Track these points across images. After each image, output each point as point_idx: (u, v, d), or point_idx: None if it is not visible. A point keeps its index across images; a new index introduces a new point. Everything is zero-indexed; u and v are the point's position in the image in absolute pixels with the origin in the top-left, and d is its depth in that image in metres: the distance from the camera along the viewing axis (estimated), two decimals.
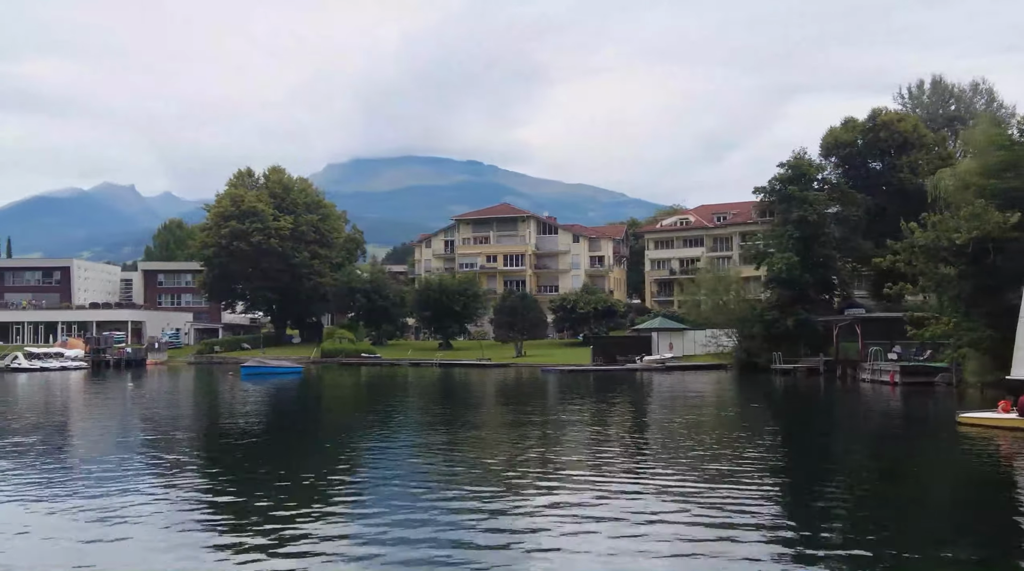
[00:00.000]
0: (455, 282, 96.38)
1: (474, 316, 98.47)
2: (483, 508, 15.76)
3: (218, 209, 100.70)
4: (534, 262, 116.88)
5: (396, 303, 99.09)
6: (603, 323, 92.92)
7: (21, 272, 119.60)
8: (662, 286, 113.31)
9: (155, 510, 15.95)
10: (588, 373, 65.95)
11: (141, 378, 68.09)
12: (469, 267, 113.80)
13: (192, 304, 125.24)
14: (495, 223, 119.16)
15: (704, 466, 20.56)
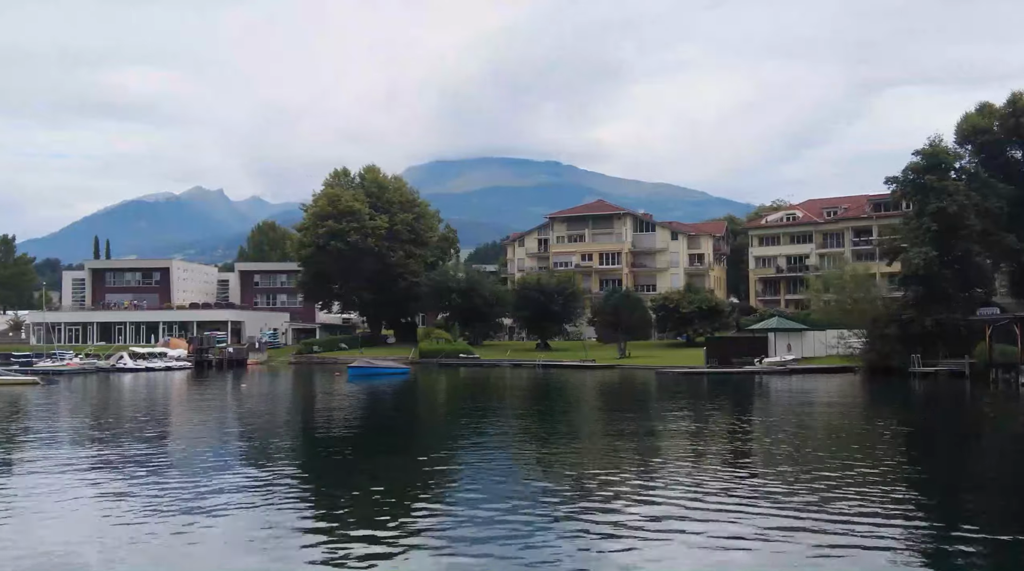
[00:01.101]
0: (553, 281, 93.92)
1: (573, 316, 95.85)
2: (597, 523, 14.88)
3: (315, 209, 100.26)
4: (631, 260, 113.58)
5: (492, 303, 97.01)
6: (707, 323, 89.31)
7: (122, 273, 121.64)
8: (767, 284, 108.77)
9: (247, 510, 16.17)
10: (703, 376, 62.71)
11: (244, 378, 67.62)
12: (564, 266, 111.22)
13: (287, 304, 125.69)
14: (590, 221, 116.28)
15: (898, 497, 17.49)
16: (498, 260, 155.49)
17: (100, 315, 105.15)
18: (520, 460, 23.14)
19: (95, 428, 32.16)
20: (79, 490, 18.46)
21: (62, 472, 21.00)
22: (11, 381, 54.49)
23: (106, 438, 28.64)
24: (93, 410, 41.09)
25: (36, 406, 42.40)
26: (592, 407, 40.45)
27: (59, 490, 18.34)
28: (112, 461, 23.23)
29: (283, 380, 65.61)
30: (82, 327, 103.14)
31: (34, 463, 22.82)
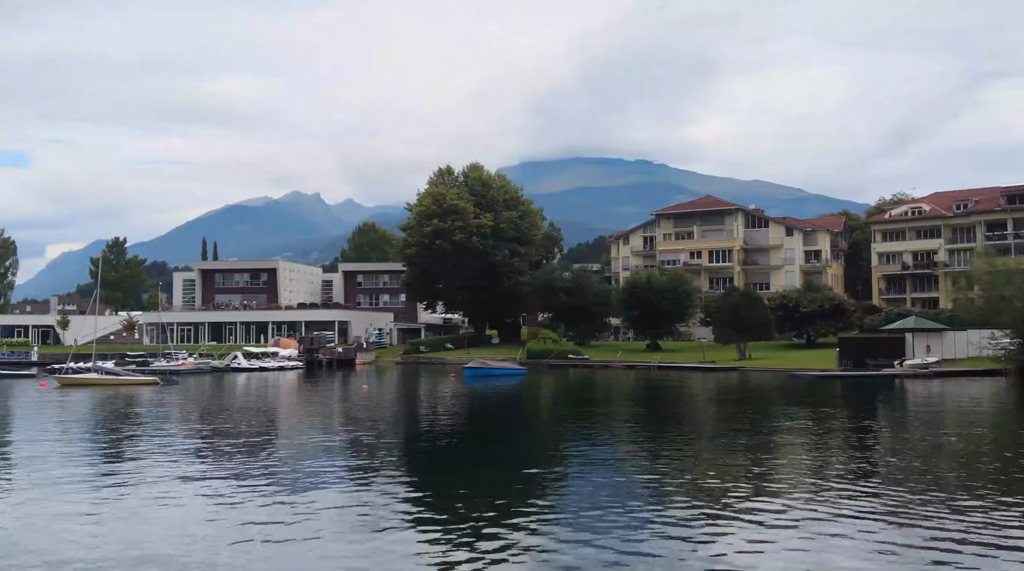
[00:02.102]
0: (664, 279, 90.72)
1: (685, 315, 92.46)
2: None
3: (420, 208, 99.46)
4: (742, 258, 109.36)
5: (600, 302, 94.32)
6: (829, 324, 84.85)
7: (231, 274, 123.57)
8: (891, 282, 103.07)
9: (350, 511, 16.08)
10: (837, 379, 58.76)
11: (365, 379, 66.90)
12: (671, 264, 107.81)
13: (389, 304, 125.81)
14: (699, 217, 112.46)
15: None
16: (599, 258, 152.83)
17: (211, 315, 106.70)
18: (646, 468, 20.89)
19: (230, 427, 31.16)
20: (205, 488, 18.62)
21: (190, 470, 21.16)
22: (133, 381, 54.62)
23: (242, 438, 27.48)
24: (223, 409, 40.31)
25: (163, 405, 41.89)
26: (727, 413, 37.50)
27: (188, 489, 18.55)
28: (252, 462, 22.60)
29: (398, 381, 64.38)
30: (194, 327, 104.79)
31: (165, 462, 22.64)
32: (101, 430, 31.78)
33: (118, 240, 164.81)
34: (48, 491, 18.23)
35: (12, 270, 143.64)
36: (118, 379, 54.65)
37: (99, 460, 23.82)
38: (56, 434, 30.18)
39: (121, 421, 35.02)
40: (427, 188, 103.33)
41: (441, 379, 63.97)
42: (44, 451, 25.18)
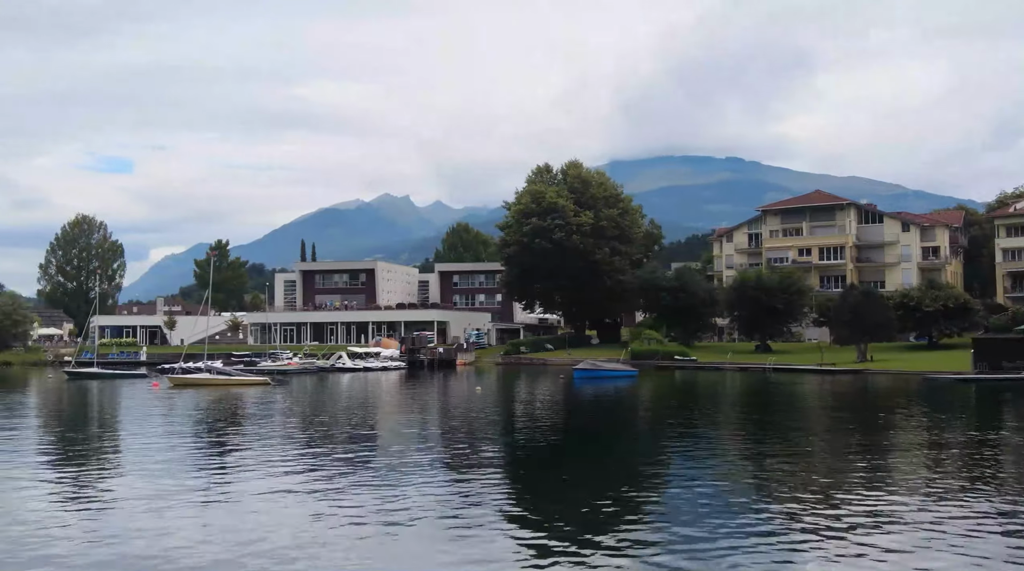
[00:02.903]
0: (775, 278, 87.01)
1: (797, 315, 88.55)
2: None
3: (519, 206, 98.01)
4: (854, 255, 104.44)
5: (706, 301, 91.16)
6: (953, 323, 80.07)
7: (330, 275, 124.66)
8: (1016, 280, 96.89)
9: (443, 511, 16.04)
10: (972, 383, 54.73)
11: (455, 378, 66.19)
12: (779, 262, 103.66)
13: (485, 304, 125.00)
14: (808, 213, 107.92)
15: None
16: (694, 257, 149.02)
17: (313, 316, 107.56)
18: (806, 490, 18.42)
19: (350, 427, 30.18)
20: (321, 486, 18.84)
21: (308, 468, 21.34)
22: (244, 381, 54.58)
23: (365, 439, 26.42)
24: (339, 409, 39.46)
25: (278, 405, 41.31)
26: (863, 421, 34.62)
27: (303, 487, 18.68)
28: (374, 461, 22.52)
29: (505, 382, 62.95)
30: (296, 327, 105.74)
31: (287, 461, 22.66)
32: (225, 429, 31.11)
33: (221, 242, 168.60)
34: (171, 486, 18.89)
35: (120, 272, 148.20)
36: (229, 379, 54.68)
37: (223, 458, 23.72)
38: (181, 432, 29.77)
39: (241, 420, 34.39)
40: (525, 186, 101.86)
41: (549, 380, 62.28)
42: (170, 448, 25.48)
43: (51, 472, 21.63)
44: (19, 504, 17.21)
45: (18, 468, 22.14)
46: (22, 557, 12.99)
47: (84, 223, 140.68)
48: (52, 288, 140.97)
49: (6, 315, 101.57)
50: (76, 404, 44.93)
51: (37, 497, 18.04)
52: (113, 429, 32.86)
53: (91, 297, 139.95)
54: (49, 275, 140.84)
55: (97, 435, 30.50)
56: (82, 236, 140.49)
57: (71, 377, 69.25)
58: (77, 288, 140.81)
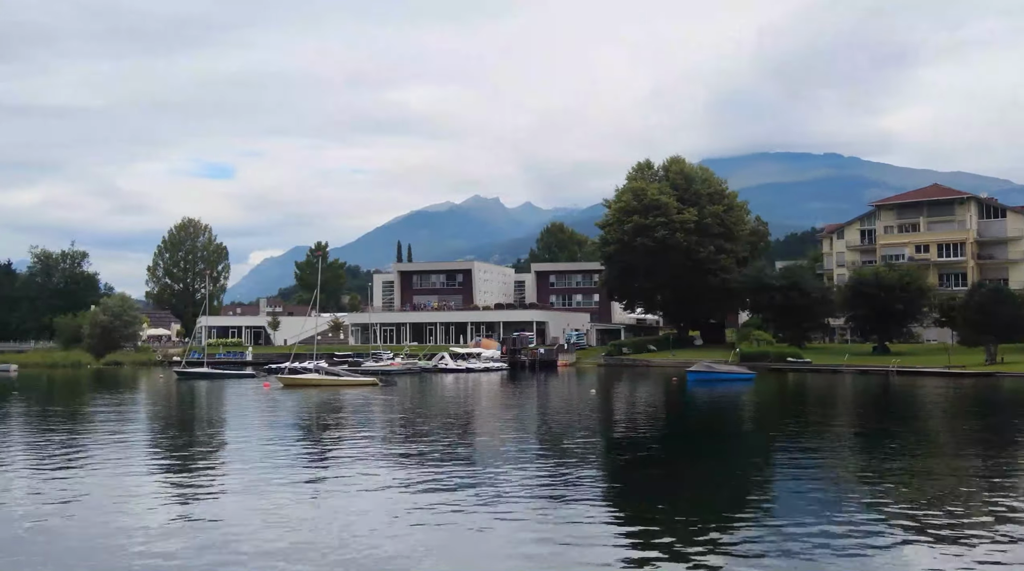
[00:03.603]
0: (894, 276, 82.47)
1: (917, 315, 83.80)
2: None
3: (619, 204, 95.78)
4: (975, 251, 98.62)
5: (819, 301, 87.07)
6: None
7: (428, 275, 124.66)
8: None
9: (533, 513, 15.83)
10: None
11: (556, 379, 64.83)
12: (894, 259, 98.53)
13: (582, 304, 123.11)
14: (925, 207, 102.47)
15: None
16: (794, 255, 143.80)
17: (413, 316, 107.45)
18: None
19: (472, 429, 28.82)
20: (435, 487, 18.69)
21: (427, 469, 20.93)
22: (353, 382, 54.03)
23: (488, 442, 24.96)
24: (453, 411, 38.26)
25: (392, 405, 40.37)
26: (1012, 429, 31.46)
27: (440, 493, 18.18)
28: (505, 465, 20.91)
29: (612, 384, 60.92)
30: (396, 328, 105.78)
31: (407, 463, 21.82)
32: (347, 429, 30.12)
33: (321, 244, 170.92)
34: (292, 484, 19.30)
35: (224, 274, 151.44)
36: (338, 379, 54.23)
37: (341, 458, 23.33)
38: (303, 432, 29.12)
39: (360, 420, 33.43)
40: (626, 184, 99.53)
41: (660, 383, 60.05)
42: (294, 448, 25.26)
43: (177, 472, 21.62)
44: (149, 500, 17.56)
45: (143, 467, 21.67)
46: (133, 550, 13.36)
47: (190, 226, 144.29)
48: (160, 289, 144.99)
49: (116, 316, 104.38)
50: (193, 405, 44.96)
51: (161, 493, 18.47)
52: (237, 429, 32.29)
53: (197, 298, 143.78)
54: (157, 277, 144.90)
55: (222, 436, 29.99)
56: (188, 239, 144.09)
57: (181, 377, 70.27)
58: (183, 289, 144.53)
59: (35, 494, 18.14)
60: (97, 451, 24.93)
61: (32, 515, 16.02)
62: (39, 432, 30.57)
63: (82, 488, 18.80)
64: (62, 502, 17.25)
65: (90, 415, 38.21)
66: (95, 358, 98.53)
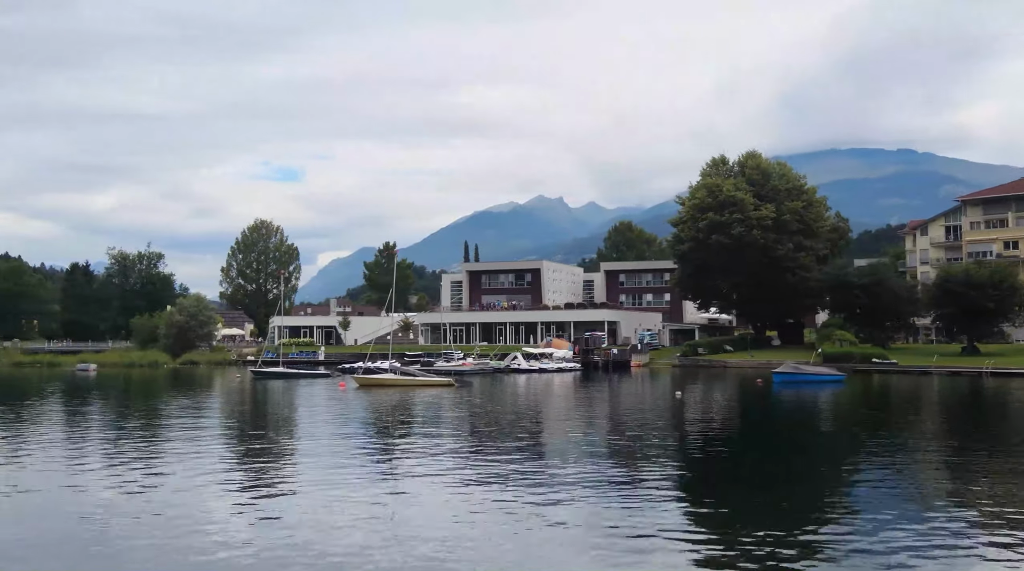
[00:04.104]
0: (985, 273, 78.85)
1: (1009, 314, 80.00)
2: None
3: (693, 201, 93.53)
4: None
5: (905, 300, 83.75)
6: None
7: (496, 275, 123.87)
8: None
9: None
10: None
11: (630, 380, 63.55)
12: (981, 256, 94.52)
13: (652, 304, 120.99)
14: (1014, 202, 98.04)
15: None
16: (873, 253, 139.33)
17: (482, 316, 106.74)
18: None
19: (561, 431, 27.59)
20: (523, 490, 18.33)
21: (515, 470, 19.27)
22: (429, 382, 53.28)
23: (578, 444, 23.71)
24: (542, 412, 37.18)
25: (473, 406, 39.46)
26: None
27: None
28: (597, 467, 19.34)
29: (692, 386, 59.15)
30: (465, 328, 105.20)
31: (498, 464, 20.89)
32: (428, 429, 29.28)
33: (389, 245, 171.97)
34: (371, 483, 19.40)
35: (296, 274, 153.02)
36: (414, 380, 53.56)
37: (423, 459, 22.71)
38: (380, 432, 28.25)
39: (441, 421, 32.55)
40: (700, 180, 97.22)
41: (742, 384, 58.09)
42: (370, 447, 25.03)
43: (258, 470, 21.51)
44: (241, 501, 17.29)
45: (227, 465, 21.25)
46: (208, 547, 13.53)
47: (262, 227, 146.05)
48: (233, 290, 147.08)
49: (192, 316, 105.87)
50: (273, 404, 44.72)
51: (243, 490, 18.42)
52: (318, 428, 31.71)
53: (269, 299, 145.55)
54: (230, 277, 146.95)
55: (304, 434, 29.43)
56: (260, 240, 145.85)
57: (257, 377, 70.57)
58: (256, 290, 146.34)
59: (123, 492, 17.98)
60: (186, 449, 24.84)
61: (111, 511, 16.21)
62: (129, 430, 30.52)
63: (174, 484, 19.01)
64: (145, 500, 17.28)
65: (175, 414, 38.20)
66: (171, 358, 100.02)
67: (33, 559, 13.06)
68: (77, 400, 47.87)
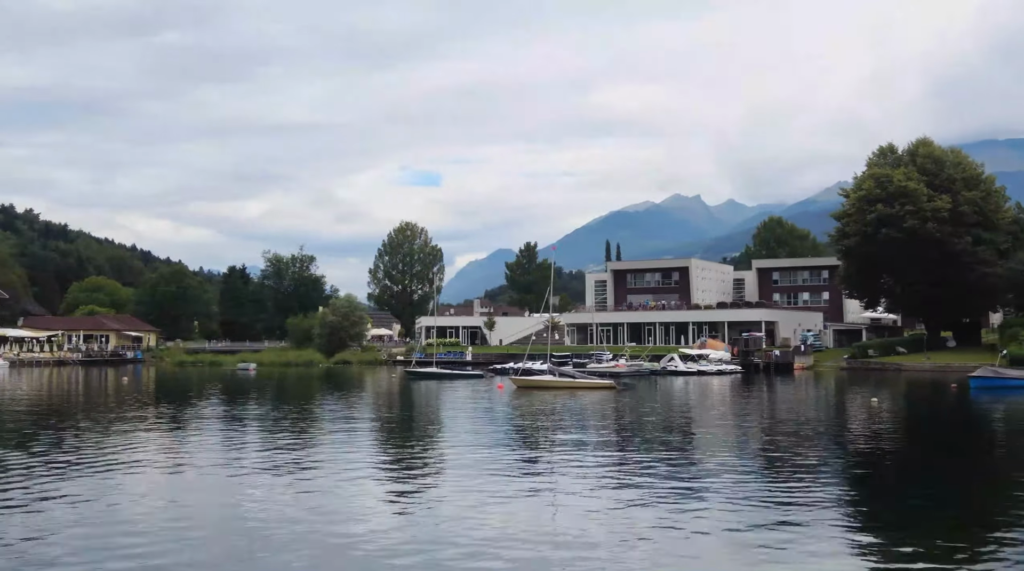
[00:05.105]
0: None
1: None
2: None
3: (859, 193, 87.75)
4: None
5: None
6: None
7: (642, 274, 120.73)
8: None
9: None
10: None
11: (795, 384, 59.69)
12: None
13: (808, 303, 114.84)
14: None
15: None
16: None
17: (631, 315, 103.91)
18: None
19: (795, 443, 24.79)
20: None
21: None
22: (590, 384, 51.03)
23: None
24: (731, 418, 34.39)
25: (650, 413, 37.01)
26: None
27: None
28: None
29: (870, 392, 54.58)
30: (612, 328, 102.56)
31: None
32: (608, 435, 27.07)
33: (528, 244, 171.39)
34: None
35: (439, 276, 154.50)
36: (574, 382, 51.49)
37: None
38: (556, 435, 26.24)
39: (618, 428, 30.25)
40: (865, 171, 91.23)
41: (926, 389, 53.29)
42: (544, 451, 23.66)
43: (420, 470, 21.11)
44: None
45: (390, 467, 19.57)
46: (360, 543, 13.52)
47: (408, 229, 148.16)
48: (380, 291, 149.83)
49: (345, 316, 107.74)
50: (435, 405, 43.55)
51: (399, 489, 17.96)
52: (488, 431, 30.04)
53: (414, 299, 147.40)
54: (377, 279, 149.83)
55: (473, 436, 27.74)
56: (406, 242, 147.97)
57: (411, 376, 70.36)
58: (401, 291, 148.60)
59: (295, 493, 17.20)
60: (370, 445, 24.65)
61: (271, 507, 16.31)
62: (315, 425, 29.76)
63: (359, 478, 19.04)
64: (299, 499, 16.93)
65: (349, 413, 38.05)
66: (325, 357, 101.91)
67: (195, 544, 13.37)
68: (250, 397, 48.73)
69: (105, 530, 14.15)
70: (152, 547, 12.99)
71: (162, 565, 12.13)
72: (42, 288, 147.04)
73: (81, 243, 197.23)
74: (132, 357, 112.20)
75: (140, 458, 22.74)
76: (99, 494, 17.35)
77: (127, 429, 30.41)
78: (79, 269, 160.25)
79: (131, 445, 25.43)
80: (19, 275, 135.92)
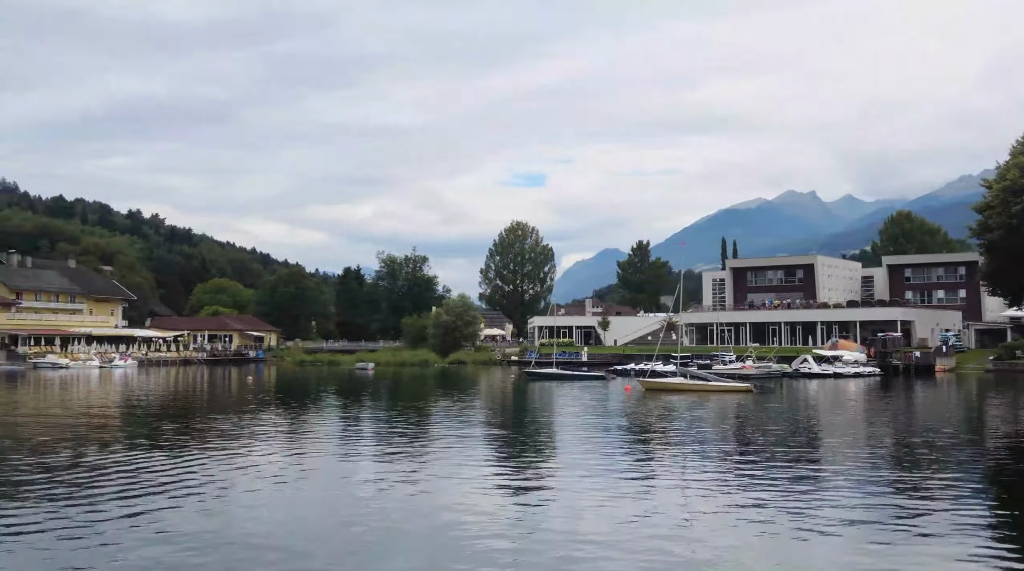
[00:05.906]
0: None
1: None
2: None
3: (1003, 183, 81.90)
4: None
5: None
6: None
7: (763, 271, 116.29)
8: None
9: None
10: None
11: (938, 387, 56.00)
12: None
13: (944, 301, 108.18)
14: None
15: None
16: None
17: (753, 315, 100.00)
18: None
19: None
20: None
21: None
22: (724, 388, 48.42)
23: None
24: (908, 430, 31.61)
25: (811, 422, 34.44)
26: None
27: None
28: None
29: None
30: (734, 328, 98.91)
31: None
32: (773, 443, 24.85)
33: (641, 243, 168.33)
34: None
35: (551, 275, 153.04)
36: (706, 384, 49.01)
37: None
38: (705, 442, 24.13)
39: (779, 434, 27.92)
40: (1009, 160, 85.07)
41: None
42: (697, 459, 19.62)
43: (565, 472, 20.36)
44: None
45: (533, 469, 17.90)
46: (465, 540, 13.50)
47: (519, 229, 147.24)
48: (491, 291, 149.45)
49: (458, 316, 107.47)
50: (567, 408, 41.73)
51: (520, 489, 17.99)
52: (640, 439, 28.20)
53: (525, 299, 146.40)
54: (488, 278, 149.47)
55: (627, 445, 25.94)
56: (516, 241, 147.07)
57: (531, 377, 69.03)
58: (512, 290, 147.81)
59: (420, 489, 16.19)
60: (511, 444, 23.94)
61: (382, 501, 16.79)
62: (451, 426, 28.58)
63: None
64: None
65: (481, 415, 36.90)
66: (439, 357, 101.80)
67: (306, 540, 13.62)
68: (370, 396, 48.58)
69: (223, 521, 15.08)
70: (272, 540, 13.60)
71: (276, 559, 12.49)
72: (168, 290, 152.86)
73: (204, 246, 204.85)
74: (254, 357, 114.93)
75: (277, 454, 23.24)
76: (228, 486, 18.46)
77: (264, 427, 30.83)
78: (203, 271, 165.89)
79: (271, 437, 27.22)
80: (146, 278, 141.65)
